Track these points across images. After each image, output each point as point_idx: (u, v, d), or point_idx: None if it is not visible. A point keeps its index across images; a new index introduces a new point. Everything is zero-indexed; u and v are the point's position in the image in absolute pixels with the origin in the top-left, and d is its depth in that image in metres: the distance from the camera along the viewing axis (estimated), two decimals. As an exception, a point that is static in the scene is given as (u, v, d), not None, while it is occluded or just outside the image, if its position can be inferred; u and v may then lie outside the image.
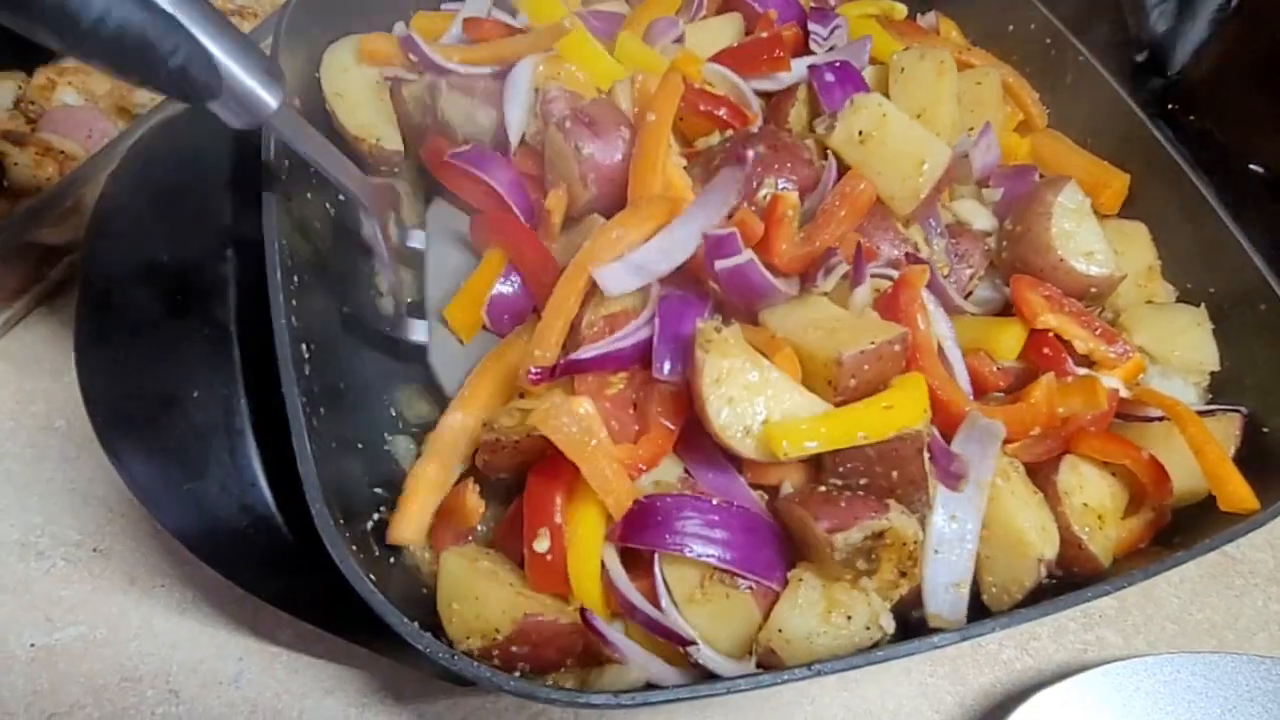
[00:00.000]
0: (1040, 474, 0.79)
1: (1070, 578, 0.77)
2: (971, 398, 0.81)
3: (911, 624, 0.75)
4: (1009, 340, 0.85)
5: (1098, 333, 0.84)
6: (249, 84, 0.64)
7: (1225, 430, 0.84)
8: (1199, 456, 0.77)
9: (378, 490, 0.80)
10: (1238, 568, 1.07)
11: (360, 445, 0.83)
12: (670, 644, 0.70)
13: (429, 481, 0.80)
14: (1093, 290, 0.92)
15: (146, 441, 0.68)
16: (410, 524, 0.78)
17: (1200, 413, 0.83)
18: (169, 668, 0.87)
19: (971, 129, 0.98)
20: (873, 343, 0.72)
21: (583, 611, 0.69)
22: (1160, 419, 0.83)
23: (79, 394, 0.98)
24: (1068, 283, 0.90)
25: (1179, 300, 0.96)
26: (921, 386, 0.73)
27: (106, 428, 0.69)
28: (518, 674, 0.68)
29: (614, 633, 0.70)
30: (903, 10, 1.21)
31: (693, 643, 0.68)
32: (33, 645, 0.86)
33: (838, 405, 0.72)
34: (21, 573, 0.91)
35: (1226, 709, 0.87)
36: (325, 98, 1.00)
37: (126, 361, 0.70)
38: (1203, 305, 0.93)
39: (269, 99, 0.65)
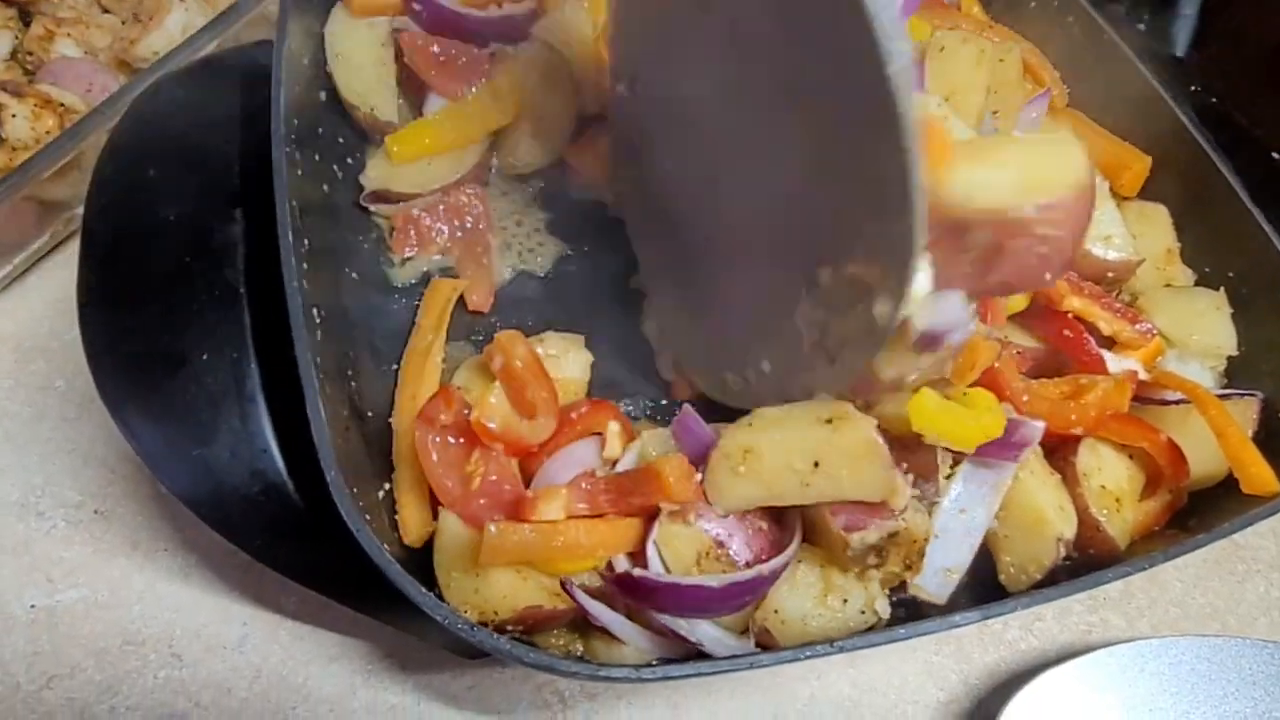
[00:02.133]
0: (1058, 455, 0.79)
1: (1085, 560, 0.77)
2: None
3: (923, 604, 0.75)
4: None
5: (1120, 314, 0.84)
6: None
7: (1243, 414, 0.83)
8: (1221, 439, 0.77)
9: (389, 458, 0.79)
10: (1240, 554, 1.08)
11: (370, 414, 0.82)
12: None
13: (410, 484, 0.77)
14: (1110, 275, 0.91)
15: (154, 405, 0.67)
16: (413, 528, 0.75)
17: (1218, 396, 0.83)
18: (172, 632, 0.86)
19: (995, 111, 0.96)
20: None
21: (564, 583, 0.68)
22: (1177, 402, 0.83)
23: (78, 354, 0.97)
24: (1084, 267, 0.89)
25: (1198, 284, 0.96)
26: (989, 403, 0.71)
27: (112, 391, 0.67)
28: (509, 638, 0.66)
29: (600, 608, 0.70)
30: (923, -20, 1.19)
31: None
32: (33, 606, 0.85)
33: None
34: (22, 533, 0.90)
35: (1229, 691, 0.88)
36: (327, 59, 0.97)
37: (132, 323, 0.69)
38: (1222, 289, 0.92)
39: None
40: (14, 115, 1.03)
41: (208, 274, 0.70)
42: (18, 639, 0.84)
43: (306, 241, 0.74)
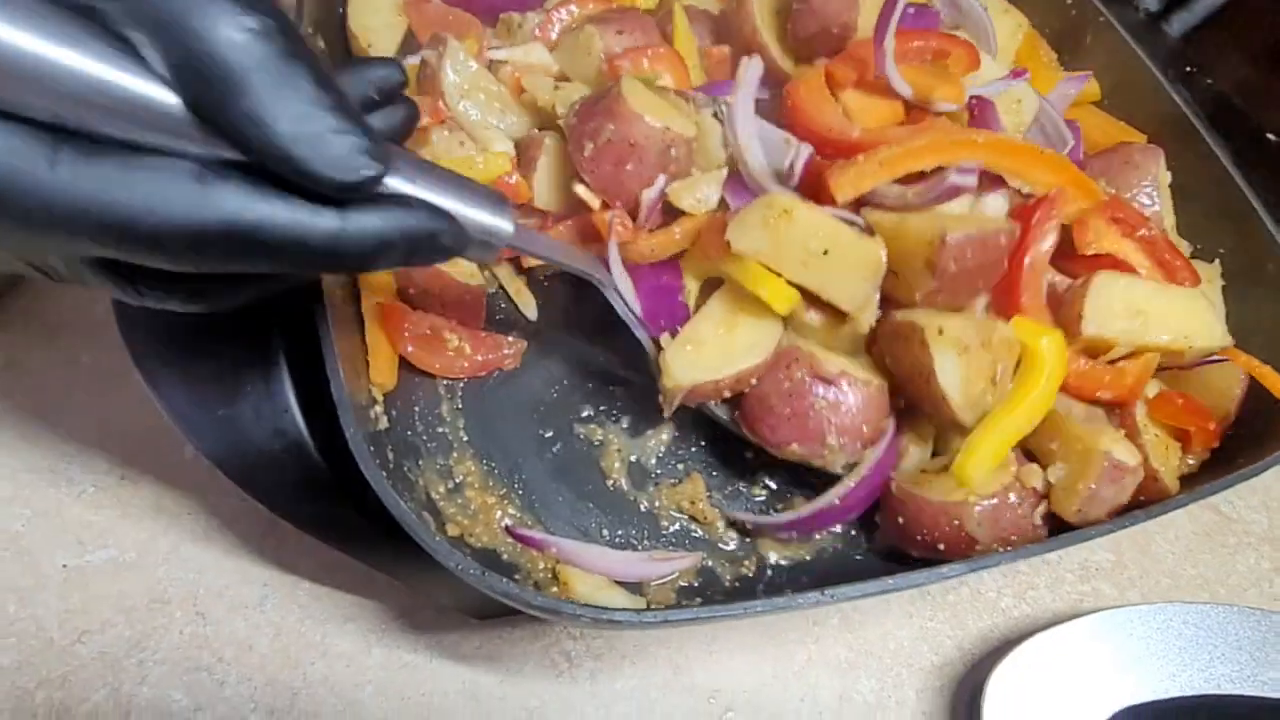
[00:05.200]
0: (1114, 411, 0.85)
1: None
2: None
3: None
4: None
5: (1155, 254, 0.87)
6: (487, 224, 0.58)
7: (1232, 377, 0.86)
8: (1264, 381, 0.84)
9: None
10: (1233, 527, 1.10)
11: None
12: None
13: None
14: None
15: (183, 370, 0.70)
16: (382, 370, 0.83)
17: (1210, 362, 0.86)
18: (196, 591, 0.90)
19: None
20: (980, 229, 0.73)
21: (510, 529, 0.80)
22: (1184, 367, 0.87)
23: (103, 330, 1.02)
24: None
25: (1193, 257, 0.98)
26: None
27: (145, 357, 0.70)
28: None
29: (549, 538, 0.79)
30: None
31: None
32: (65, 566, 0.89)
33: (931, 295, 0.75)
34: (54, 498, 0.93)
35: (1214, 655, 0.90)
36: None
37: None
38: (1216, 262, 0.95)
39: (505, 225, 0.59)
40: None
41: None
42: (50, 596, 0.88)
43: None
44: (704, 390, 0.80)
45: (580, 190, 0.84)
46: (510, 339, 0.91)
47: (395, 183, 0.52)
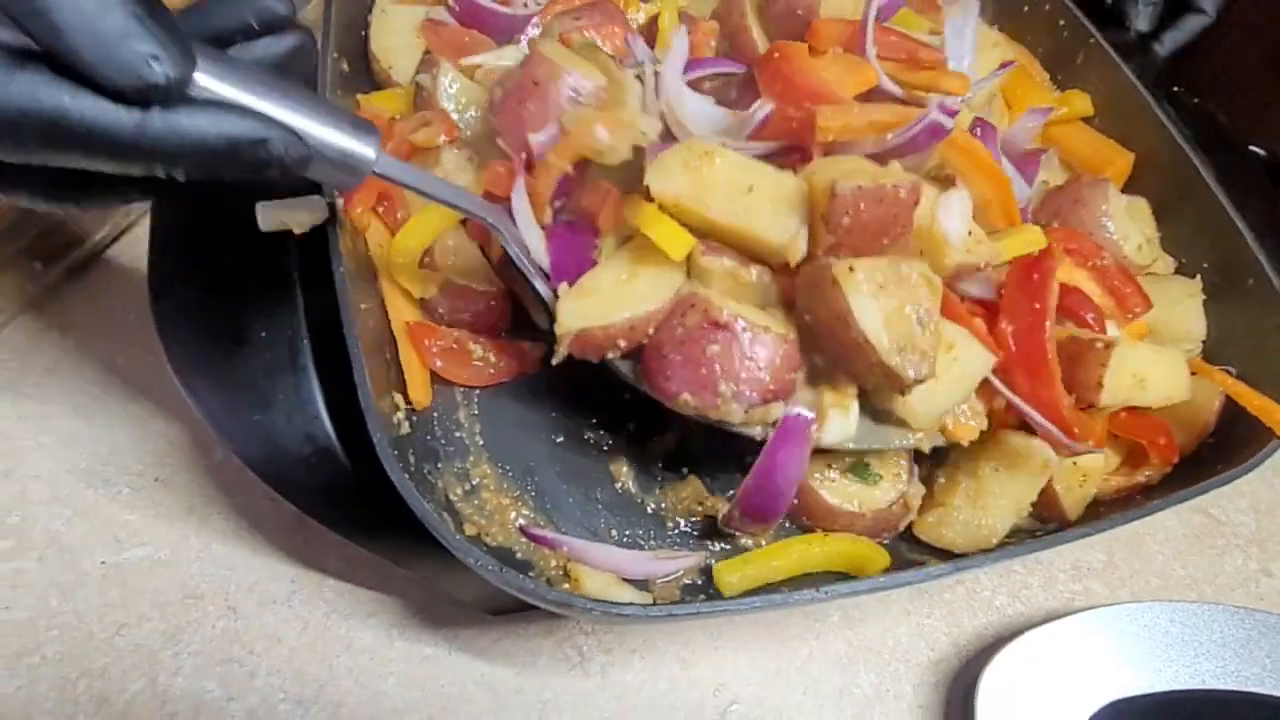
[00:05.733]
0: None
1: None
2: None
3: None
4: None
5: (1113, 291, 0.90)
6: (344, 146, 0.60)
7: (1210, 390, 0.90)
8: (1240, 400, 0.87)
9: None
10: (1221, 529, 1.14)
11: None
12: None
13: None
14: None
15: (219, 377, 0.75)
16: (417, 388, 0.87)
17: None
18: (227, 587, 0.94)
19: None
20: (873, 181, 0.71)
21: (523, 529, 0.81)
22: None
23: (138, 335, 1.07)
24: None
25: (1177, 272, 1.02)
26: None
27: (182, 365, 0.75)
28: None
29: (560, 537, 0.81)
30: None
31: None
32: (103, 563, 0.94)
33: (833, 250, 0.73)
34: (91, 498, 0.98)
35: (1200, 652, 0.94)
36: (370, 8, 1.05)
37: (198, 306, 0.77)
38: (1198, 277, 0.98)
39: (366, 150, 0.61)
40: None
41: (263, 258, 0.78)
42: (90, 591, 0.92)
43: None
44: (595, 338, 0.77)
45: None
46: (529, 345, 0.95)
47: (224, 90, 0.55)
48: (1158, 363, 0.86)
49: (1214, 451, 0.89)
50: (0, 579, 0.92)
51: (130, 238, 1.18)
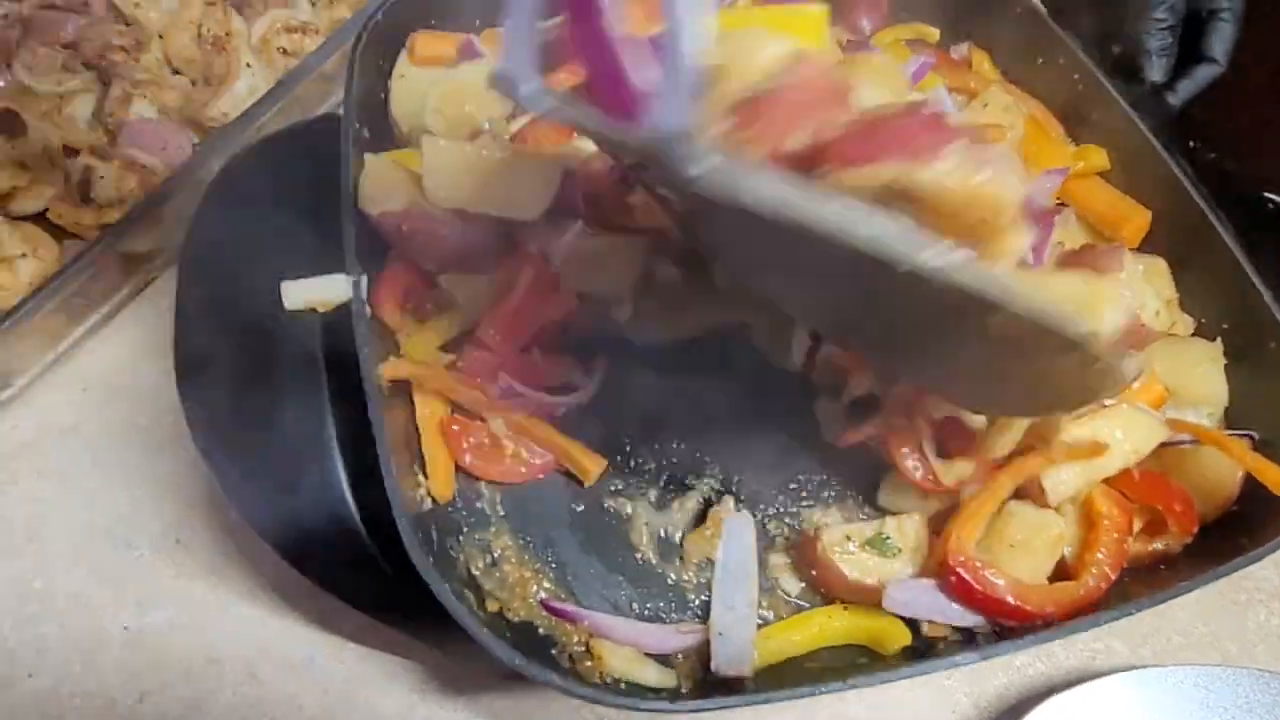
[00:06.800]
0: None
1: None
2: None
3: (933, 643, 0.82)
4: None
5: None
6: None
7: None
8: (1260, 477, 0.86)
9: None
10: (1243, 584, 1.13)
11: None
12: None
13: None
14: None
15: (247, 461, 0.76)
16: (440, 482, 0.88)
17: (1185, 444, 0.90)
18: (248, 652, 0.95)
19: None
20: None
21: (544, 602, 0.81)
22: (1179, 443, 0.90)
23: (159, 393, 1.08)
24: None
25: (1196, 333, 1.01)
26: None
27: (209, 446, 0.76)
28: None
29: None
30: (935, 34, 1.26)
31: None
32: (126, 628, 0.95)
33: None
34: (113, 559, 0.99)
35: (1224, 718, 0.93)
36: (391, 73, 1.06)
37: (226, 387, 0.78)
38: (1219, 340, 0.98)
39: None
40: (102, 177, 1.14)
41: (289, 340, 0.79)
42: (112, 657, 0.93)
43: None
44: None
45: None
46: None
47: None
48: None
49: (1238, 520, 0.88)
50: (25, 644, 0.93)
51: (152, 291, 1.19)
